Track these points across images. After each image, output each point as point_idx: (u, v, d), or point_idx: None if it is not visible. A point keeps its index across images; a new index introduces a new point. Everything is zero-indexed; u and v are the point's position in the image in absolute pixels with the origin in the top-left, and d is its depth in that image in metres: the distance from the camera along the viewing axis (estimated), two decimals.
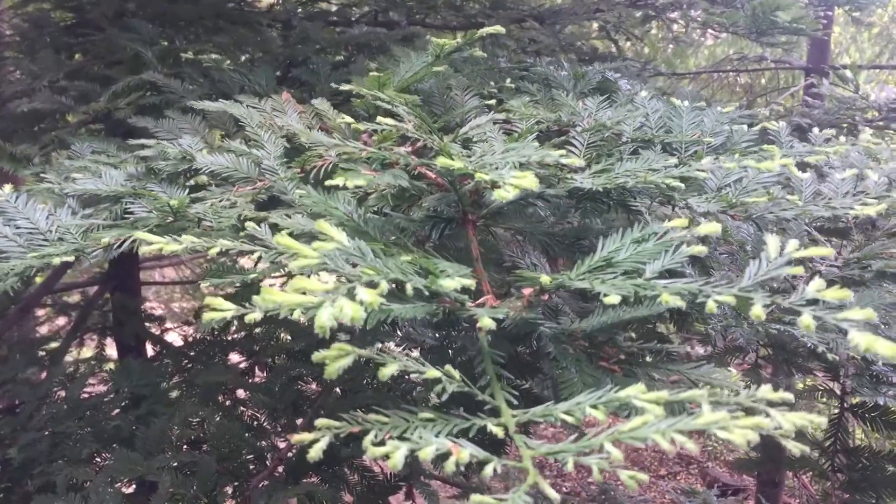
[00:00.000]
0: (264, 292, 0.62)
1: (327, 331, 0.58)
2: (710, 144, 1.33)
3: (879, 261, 1.64)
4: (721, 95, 8.68)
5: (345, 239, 0.71)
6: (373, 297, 0.63)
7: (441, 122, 1.47)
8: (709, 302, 0.71)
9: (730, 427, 0.54)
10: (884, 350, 0.62)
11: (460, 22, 3.52)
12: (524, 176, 0.85)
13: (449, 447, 0.57)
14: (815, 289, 0.71)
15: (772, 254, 0.76)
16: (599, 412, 0.63)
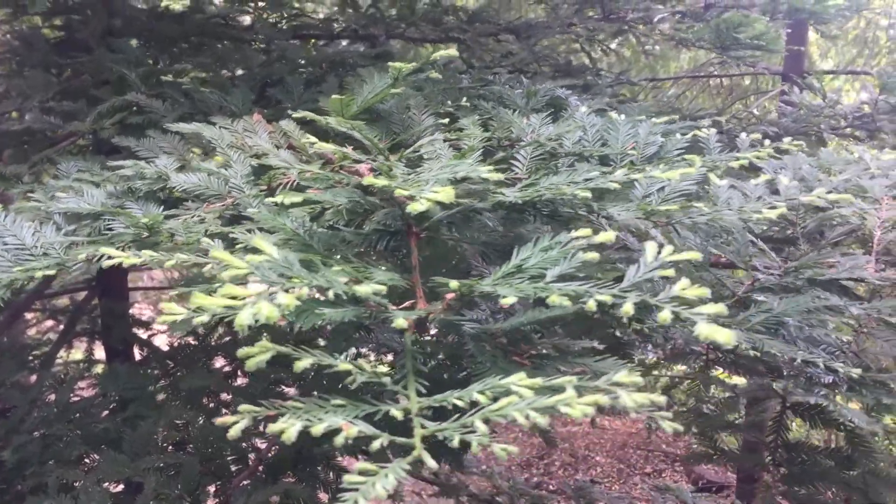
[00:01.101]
0: (194, 297, 0.74)
1: (245, 328, 0.70)
2: (643, 155, 1.46)
3: (811, 269, 1.76)
4: (703, 98, 8.82)
5: (275, 252, 0.83)
6: (290, 300, 0.75)
7: (399, 139, 1.60)
8: (589, 301, 0.83)
9: (572, 404, 0.66)
10: (722, 338, 0.74)
11: (438, 35, 3.65)
12: (440, 191, 0.97)
13: (340, 424, 0.69)
14: (679, 288, 0.83)
15: (649, 258, 0.88)
16: (484, 397, 0.75)
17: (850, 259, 1.95)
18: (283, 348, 0.79)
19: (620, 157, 1.43)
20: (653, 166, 1.32)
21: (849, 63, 8.62)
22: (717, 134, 1.54)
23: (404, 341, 0.93)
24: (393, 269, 1.13)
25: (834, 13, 3.77)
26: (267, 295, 0.77)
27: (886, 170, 2.80)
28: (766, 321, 1.56)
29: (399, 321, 0.86)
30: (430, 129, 1.58)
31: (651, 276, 0.87)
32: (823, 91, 4.34)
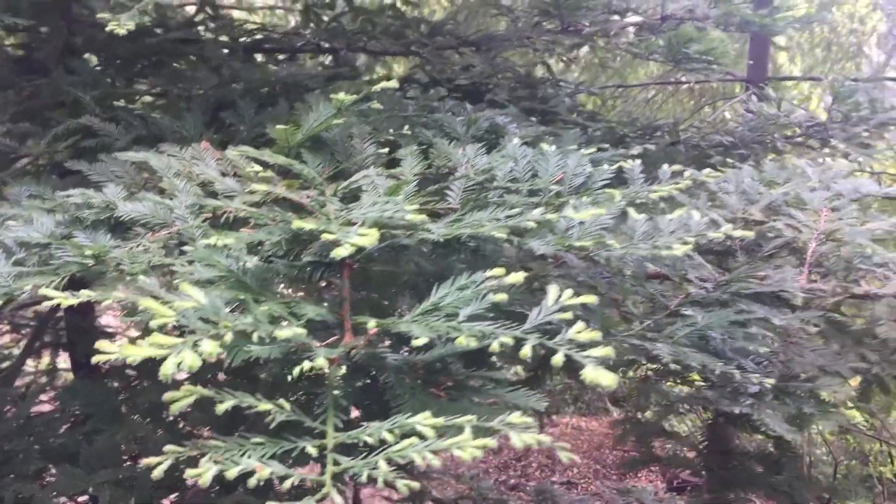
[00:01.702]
0: (122, 347, 0.80)
1: (170, 377, 0.77)
2: (571, 186, 1.53)
3: (740, 283, 1.85)
4: (672, 102, 8.95)
5: (202, 298, 0.89)
6: (213, 348, 0.81)
7: (342, 166, 1.66)
8: (494, 343, 0.90)
9: (465, 447, 0.73)
10: (606, 381, 0.82)
11: (399, 49, 3.71)
12: (366, 233, 1.04)
13: (254, 467, 0.75)
14: (574, 331, 0.90)
15: (550, 301, 0.95)
16: (392, 435, 0.81)
17: (780, 272, 2.05)
18: (206, 391, 0.85)
19: (549, 189, 1.50)
20: (577, 198, 1.39)
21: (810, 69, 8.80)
22: (640, 167, 1.61)
23: (328, 378, 0.99)
24: (324, 302, 1.19)
25: (784, 25, 3.87)
26: (191, 344, 0.83)
27: (828, 182, 2.91)
28: (691, 334, 1.64)
29: (319, 361, 0.92)
30: (371, 158, 1.64)
31: (552, 318, 0.94)
32: (779, 101, 4.44)
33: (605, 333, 1.66)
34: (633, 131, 4.30)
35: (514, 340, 0.91)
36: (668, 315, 1.79)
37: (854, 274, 2.13)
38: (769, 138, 4.29)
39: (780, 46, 5.55)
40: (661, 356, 1.54)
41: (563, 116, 3.58)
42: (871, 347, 1.91)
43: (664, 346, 1.54)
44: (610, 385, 0.81)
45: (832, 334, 2.00)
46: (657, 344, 1.53)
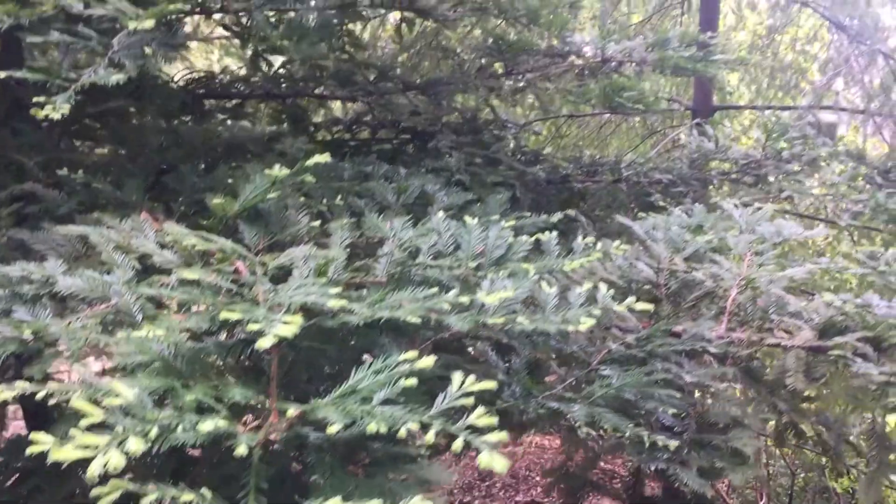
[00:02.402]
0: (53, 449, 0.87)
1: (96, 478, 0.84)
2: (491, 258, 1.63)
3: (656, 338, 1.96)
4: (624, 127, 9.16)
5: (130, 394, 0.96)
6: (138, 445, 0.89)
7: (277, 238, 1.74)
8: (402, 429, 0.99)
9: None
10: (498, 467, 0.91)
11: (346, 93, 3.80)
12: (290, 321, 1.12)
13: None
14: (474, 417, 0.99)
15: (454, 388, 1.04)
16: None
17: (697, 325, 2.17)
18: (132, 486, 0.92)
19: (472, 259, 1.60)
20: (495, 272, 1.49)
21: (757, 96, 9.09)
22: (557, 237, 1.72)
23: (252, 461, 1.07)
24: (253, 382, 1.27)
25: (716, 70, 4.05)
26: (117, 442, 0.91)
27: (753, 225, 3.07)
28: (607, 395, 1.75)
29: (240, 449, 1.00)
30: (305, 229, 1.72)
31: (455, 404, 1.03)
32: (716, 137, 4.62)
33: (527, 395, 1.76)
34: (577, 169, 4.45)
35: (421, 426, 1.00)
36: (589, 372, 1.89)
37: (769, 323, 2.26)
38: (707, 175, 4.47)
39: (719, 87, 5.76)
40: (577, 418, 1.64)
41: (505, 161, 3.69)
42: (781, 397, 2.03)
43: (580, 407, 1.64)
44: (501, 471, 0.90)
45: (747, 383, 2.12)
46: (574, 406, 1.63)
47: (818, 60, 9.30)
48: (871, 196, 3.87)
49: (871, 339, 2.14)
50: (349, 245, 1.67)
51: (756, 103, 8.76)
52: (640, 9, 9.62)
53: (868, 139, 7.22)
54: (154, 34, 1.96)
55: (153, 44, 1.96)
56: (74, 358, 1.38)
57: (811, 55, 9.25)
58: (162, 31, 1.97)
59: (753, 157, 4.61)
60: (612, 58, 4.15)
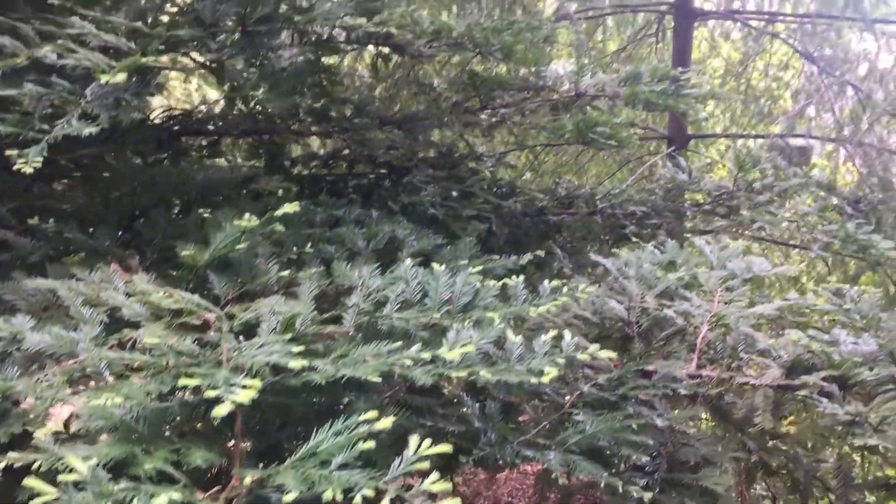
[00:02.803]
0: None
1: None
2: (458, 304, 1.65)
3: (627, 380, 1.98)
4: (599, 158, 9.26)
5: (85, 469, 0.97)
6: None
7: (247, 287, 1.75)
8: (357, 496, 1.00)
9: None
10: None
11: (323, 129, 3.83)
12: (249, 386, 1.14)
13: None
14: (429, 483, 1.01)
15: (410, 451, 1.06)
16: None
17: (667, 365, 2.19)
18: None
19: (439, 306, 1.62)
20: (460, 322, 1.51)
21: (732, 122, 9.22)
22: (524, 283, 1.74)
23: None
24: (218, 441, 1.28)
25: (686, 106, 4.12)
26: None
27: (724, 261, 3.11)
28: (581, 441, 1.77)
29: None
30: (275, 278, 1.74)
31: (412, 468, 1.04)
32: (689, 169, 4.68)
33: (503, 441, 1.78)
34: (552, 200, 4.49)
35: (376, 491, 1.01)
36: (562, 415, 1.91)
37: (738, 361, 2.29)
38: (681, 207, 4.52)
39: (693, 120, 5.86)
40: (552, 466, 1.66)
41: (480, 195, 3.73)
42: (751, 436, 2.06)
43: (555, 454, 1.65)
44: None
45: (717, 422, 2.15)
46: (549, 453, 1.65)
47: (791, 88, 9.46)
48: (840, 227, 3.93)
49: (837, 378, 2.18)
50: (319, 293, 1.69)
51: (731, 130, 8.89)
52: (616, 37, 9.76)
53: (841, 166, 7.33)
54: (127, 85, 1.98)
55: (126, 94, 1.98)
56: (41, 418, 1.38)
57: (784, 82, 9.40)
58: (135, 82, 1.99)
59: (726, 188, 4.67)
60: (586, 92, 4.20)
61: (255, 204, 2.18)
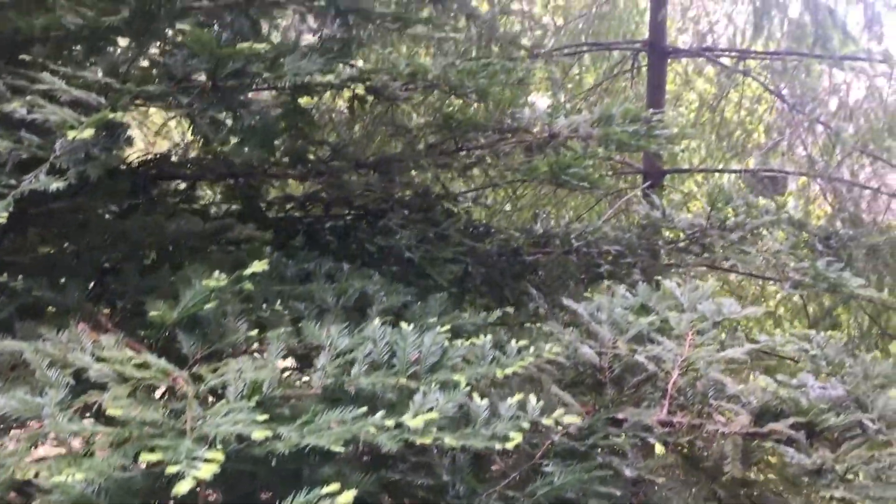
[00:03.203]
0: None
1: None
2: (426, 364, 1.66)
3: (598, 432, 1.99)
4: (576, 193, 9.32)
5: None
6: None
7: (215, 347, 1.76)
8: None
9: None
10: None
11: (299, 172, 3.85)
12: (211, 458, 1.14)
13: None
14: None
15: None
16: None
17: (638, 412, 2.21)
18: None
19: (407, 366, 1.63)
20: (426, 384, 1.52)
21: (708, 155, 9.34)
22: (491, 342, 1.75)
23: None
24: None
25: (658, 146, 4.18)
26: None
27: (695, 302, 3.14)
28: (550, 493, 1.77)
29: None
30: (243, 337, 1.74)
31: None
32: (663, 206, 4.73)
33: (472, 494, 1.78)
34: (528, 240, 4.52)
35: None
36: (532, 465, 1.92)
37: (708, 407, 2.31)
38: (655, 245, 4.57)
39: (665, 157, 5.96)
40: None
41: (455, 238, 3.75)
42: (721, 484, 2.07)
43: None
44: None
45: (687, 470, 2.16)
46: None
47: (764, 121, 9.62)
48: (811, 265, 3.98)
49: (805, 424, 2.20)
50: (288, 353, 1.70)
51: (707, 162, 9.01)
52: (593, 71, 9.90)
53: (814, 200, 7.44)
54: (96, 139, 1.99)
55: (95, 148, 1.99)
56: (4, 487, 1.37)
57: (757, 116, 9.55)
58: (104, 137, 2.00)
59: (699, 225, 4.72)
60: (560, 133, 4.25)
61: (227, 256, 2.19)
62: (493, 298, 4.16)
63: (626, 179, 8.82)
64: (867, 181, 6.40)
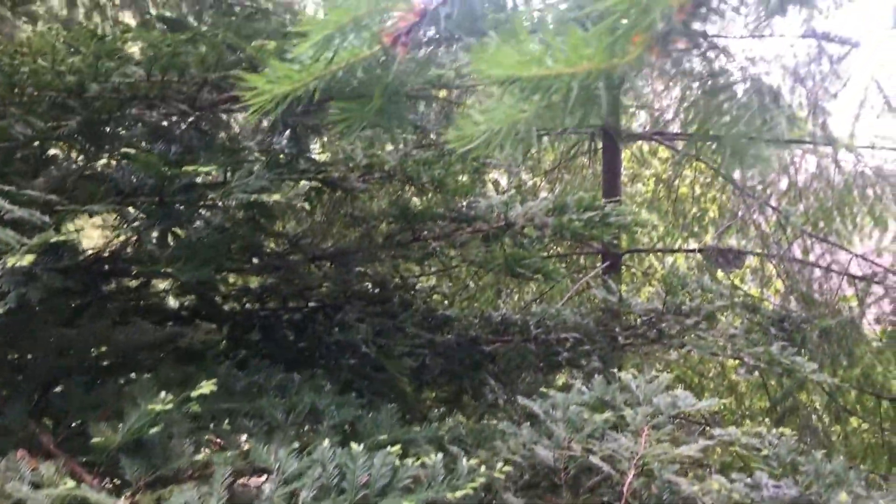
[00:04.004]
0: None
1: None
2: (377, 486, 1.64)
3: None
4: None
5: None
6: None
7: (160, 472, 1.72)
8: None
9: None
10: None
11: (254, 268, 3.84)
12: None
13: None
14: None
15: None
16: None
17: None
18: None
19: (356, 490, 1.61)
20: None
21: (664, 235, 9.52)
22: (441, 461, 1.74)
23: None
24: None
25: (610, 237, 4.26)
26: None
27: (651, 395, 3.16)
28: None
29: None
30: (187, 461, 1.71)
31: None
32: (620, 292, 4.79)
33: None
34: (486, 328, 4.54)
35: None
36: None
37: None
38: (612, 331, 4.61)
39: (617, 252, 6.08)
40: None
41: (412, 331, 3.75)
42: None
43: None
44: None
45: None
46: None
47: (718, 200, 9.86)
48: (764, 350, 4.04)
49: None
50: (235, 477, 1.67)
51: (664, 240, 9.19)
52: (551, 152, 10.11)
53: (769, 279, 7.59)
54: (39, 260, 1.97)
55: (37, 268, 1.97)
56: None
57: (711, 196, 9.80)
58: (48, 256, 1.98)
59: (655, 311, 4.78)
60: (516, 222, 4.31)
61: (176, 371, 2.16)
62: (452, 390, 4.14)
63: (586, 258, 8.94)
64: (818, 259, 6.56)
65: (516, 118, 0.72)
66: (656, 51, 0.63)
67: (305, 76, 0.95)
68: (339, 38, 0.93)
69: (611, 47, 0.62)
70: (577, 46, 0.63)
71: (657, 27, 0.60)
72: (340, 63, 0.95)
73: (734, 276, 8.24)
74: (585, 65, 0.63)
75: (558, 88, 0.65)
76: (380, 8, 0.91)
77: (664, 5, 0.57)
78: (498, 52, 0.66)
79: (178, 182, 2.01)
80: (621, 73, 0.64)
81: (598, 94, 0.65)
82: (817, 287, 5.87)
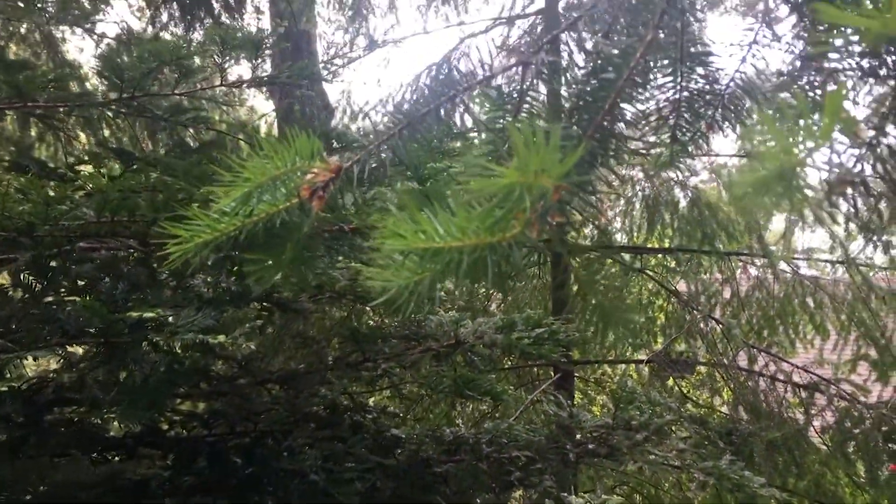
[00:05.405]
0: None
1: None
2: None
3: None
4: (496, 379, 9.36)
5: None
6: None
7: None
8: None
9: None
10: None
11: (202, 392, 3.80)
12: None
13: None
14: None
15: None
16: None
17: None
18: None
19: None
20: None
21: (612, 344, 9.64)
22: None
23: None
24: None
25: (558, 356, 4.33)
26: None
27: None
28: None
29: None
30: None
31: None
32: (570, 408, 4.82)
33: None
34: (438, 448, 4.50)
35: None
36: None
37: None
38: (563, 449, 4.61)
39: None
40: None
41: (361, 456, 3.72)
42: None
43: None
44: None
45: None
46: None
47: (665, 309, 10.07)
48: (713, 465, 4.07)
49: None
50: None
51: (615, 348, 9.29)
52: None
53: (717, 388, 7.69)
54: None
55: None
56: None
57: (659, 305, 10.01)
58: None
59: (605, 426, 4.80)
60: (465, 340, 4.37)
61: None
62: None
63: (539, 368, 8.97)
64: (762, 368, 6.69)
65: (420, 277, 0.79)
66: (535, 228, 0.71)
67: (226, 226, 1.01)
68: (257, 196, 1.00)
69: (492, 227, 0.71)
70: (463, 226, 0.72)
71: (536, 209, 0.68)
72: (260, 214, 1.02)
73: (685, 383, 8.33)
74: (473, 240, 0.71)
75: (451, 259, 0.73)
76: (296, 167, 0.99)
77: (537, 193, 0.66)
78: (396, 225, 0.75)
79: (124, 324, 2.03)
80: (506, 246, 0.73)
81: (486, 264, 0.73)
82: (763, 398, 5.97)
